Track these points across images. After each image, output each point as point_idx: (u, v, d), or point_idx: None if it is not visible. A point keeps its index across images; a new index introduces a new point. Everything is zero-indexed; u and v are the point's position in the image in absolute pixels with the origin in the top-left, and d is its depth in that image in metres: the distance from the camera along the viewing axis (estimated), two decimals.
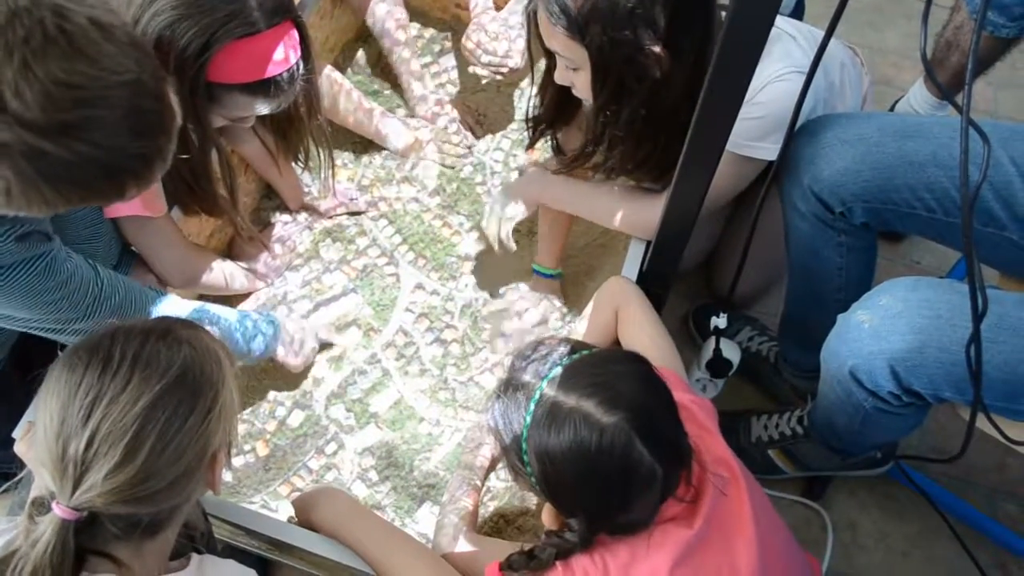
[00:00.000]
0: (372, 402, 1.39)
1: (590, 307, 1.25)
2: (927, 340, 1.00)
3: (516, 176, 1.61)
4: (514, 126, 1.71)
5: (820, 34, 0.90)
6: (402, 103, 1.73)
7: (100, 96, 0.73)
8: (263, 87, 1.11)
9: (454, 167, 1.64)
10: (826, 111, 1.27)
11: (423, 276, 1.53)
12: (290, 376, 1.40)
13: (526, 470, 0.87)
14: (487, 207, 1.41)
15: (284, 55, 1.10)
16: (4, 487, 0.90)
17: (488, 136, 1.70)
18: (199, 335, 0.81)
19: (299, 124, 1.31)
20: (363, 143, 1.66)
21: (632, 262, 1.25)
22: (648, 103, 1.12)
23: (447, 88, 1.76)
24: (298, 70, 1.14)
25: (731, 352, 1.33)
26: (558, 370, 0.87)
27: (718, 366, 1.33)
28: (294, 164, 1.44)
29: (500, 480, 1.28)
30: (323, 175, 1.43)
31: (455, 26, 1.82)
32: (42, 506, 0.73)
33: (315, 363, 1.41)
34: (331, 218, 1.58)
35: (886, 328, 1.03)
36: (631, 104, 1.13)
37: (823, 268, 1.26)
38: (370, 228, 1.58)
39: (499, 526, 1.25)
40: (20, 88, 0.69)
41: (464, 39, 1.53)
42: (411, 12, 1.71)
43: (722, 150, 0.97)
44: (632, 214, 1.28)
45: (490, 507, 1.26)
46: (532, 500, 1.25)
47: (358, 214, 1.59)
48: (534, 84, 1.32)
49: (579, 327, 1.27)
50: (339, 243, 1.56)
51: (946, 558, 1.39)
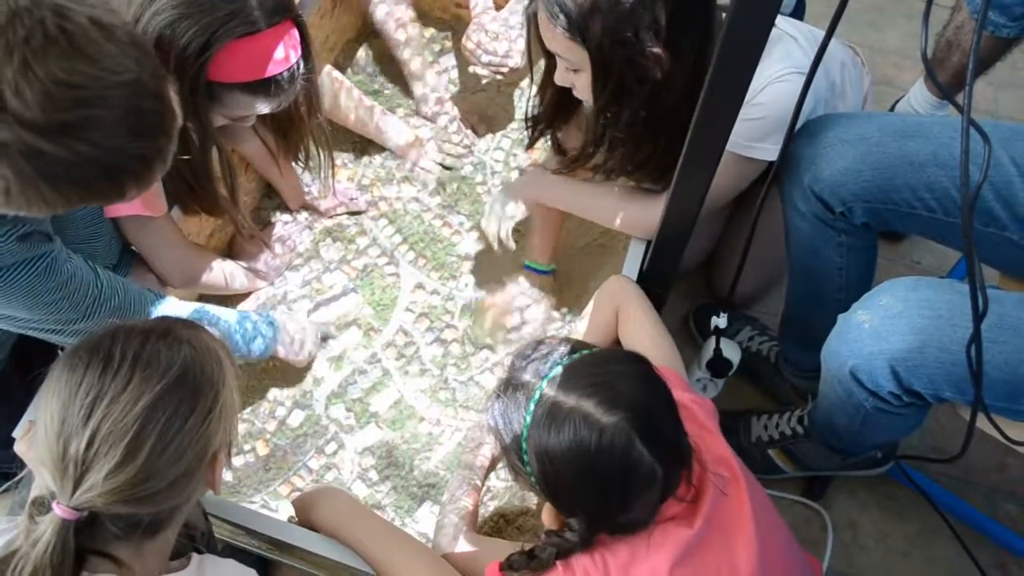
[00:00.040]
0: (372, 402, 1.39)
1: (590, 306, 1.25)
2: (927, 340, 1.00)
3: (516, 176, 1.61)
4: (514, 126, 1.71)
5: (821, 34, 0.90)
6: (402, 103, 1.73)
7: (100, 96, 0.73)
8: (263, 86, 1.11)
9: (452, 168, 1.64)
10: (827, 111, 1.27)
11: (423, 276, 1.53)
12: (290, 376, 1.40)
13: (526, 470, 0.87)
14: (487, 206, 1.41)
15: (284, 54, 1.10)
16: (4, 487, 0.90)
17: (488, 136, 1.70)
18: (199, 335, 0.81)
19: (299, 123, 1.31)
20: (363, 143, 1.66)
21: (632, 262, 1.25)
22: (649, 104, 1.12)
23: (448, 88, 1.76)
24: (298, 69, 1.14)
25: (731, 352, 1.32)
26: (558, 370, 0.87)
27: (718, 366, 1.33)
28: (294, 163, 1.44)
29: (500, 480, 1.28)
30: (323, 175, 1.43)
31: (455, 26, 1.82)
32: (42, 506, 0.73)
33: (315, 362, 1.41)
34: (331, 217, 1.58)
35: (886, 328, 1.03)
36: (632, 105, 1.13)
37: (823, 268, 1.26)
38: (370, 228, 1.58)
39: (499, 526, 1.25)
40: (20, 87, 0.69)
41: (464, 39, 1.53)
42: None
43: (722, 151, 0.97)
44: (632, 214, 1.28)
45: (490, 507, 1.26)
46: (532, 500, 1.25)
47: (358, 214, 1.59)
48: (534, 84, 1.32)
49: (579, 326, 1.27)
50: (339, 243, 1.56)
51: (946, 558, 1.39)
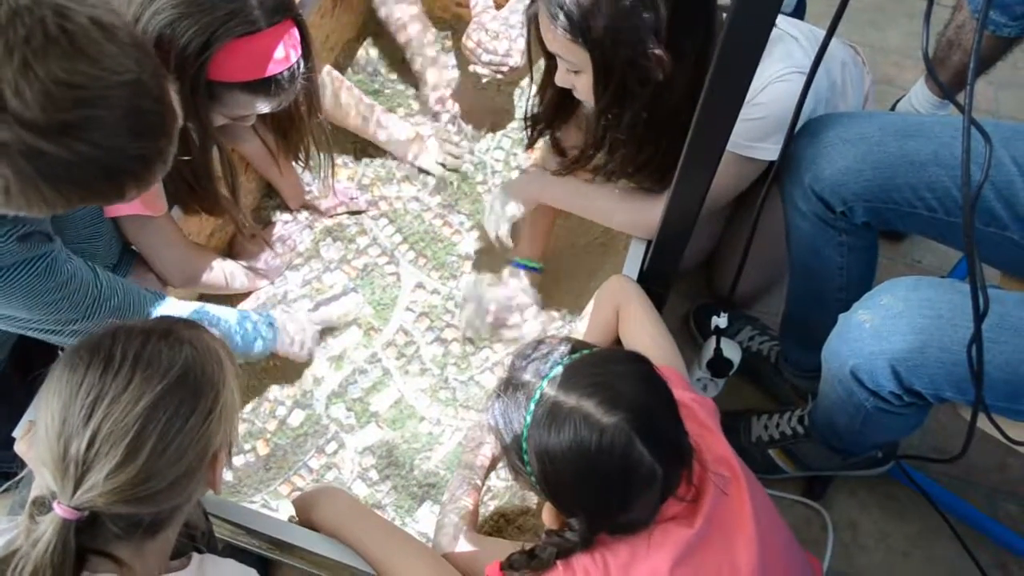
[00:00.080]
0: (372, 401, 1.39)
1: (591, 306, 1.25)
2: (928, 340, 1.00)
3: (517, 175, 1.61)
4: (514, 125, 1.71)
5: (821, 34, 0.90)
6: (403, 102, 1.73)
7: (100, 96, 0.72)
8: (264, 86, 1.11)
9: (456, 169, 1.64)
10: (827, 110, 1.27)
11: (423, 275, 1.52)
12: (291, 375, 1.40)
13: (526, 470, 0.87)
14: (488, 205, 1.41)
15: (285, 54, 1.10)
16: (5, 487, 0.89)
17: (489, 135, 1.70)
18: (200, 335, 0.81)
19: (299, 123, 1.31)
20: (363, 142, 1.66)
21: (633, 261, 1.25)
22: (650, 106, 1.12)
23: (449, 86, 1.76)
24: (299, 69, 1.14)
25: (732, 352, 1.32)
26: (558, 369, 0.87)
27: (719, 365, 1.32)
28: (294, 163, 1.44)
29: (500, 479, 1.28)
30: (323, 174, 1.42)
31: (456, 25, 1.82)
32: (43, 506, 0.73)
33: (316, 362, 1.41)
34: (331, 217, 1.58)
35: (887, 328, 1.03)
36: (633, 107, 1.12)
37: (824, 267, 1.26)
38: (370, 227, 1.58)
39: (499, 525, 1.25)
40: (20, 87, 0.68)
41: (464, 38, 1.53)
42: None
43: (723, 150, 0.97)
44: (632, 214, 1.27)
45: (490, 506, 1.26)
46: (532, 499, 1.25)
47: (358, 213, 1.59)
48: (534, 84, 1.32)
49: (580, 326, 1.27)
50: (339, 242, 1.56)
51: (947, 558, 1.39)
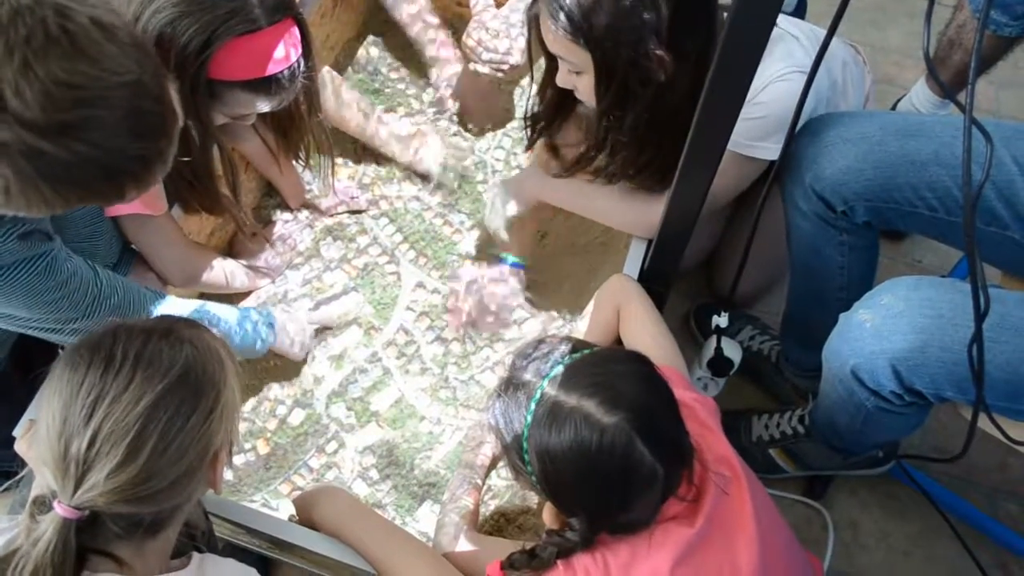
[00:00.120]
0: (373, 401, 1.39)
1: (591, 305, 1.25)
2: (929, 339, 1.00)
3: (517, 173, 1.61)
4: (514, 124, 1.71)
5: (822, 33, 0.90)
6: (403, 101, 1.73)
7: (100, 96, 0.72)
8: (264, 85, 1.11)
9: (462, 174, 1.63)
10: (828, 110, 1.27)
11: (424, 275, 1.52)
12: (291, 375, 1.40)
13: (527, 469, 0.86)
14: (488, 202, 1.41)
15: (285, 53, 1.10)
16: (5, 486, 0.89)
17: (489, 134, 1.70)
18: (201, 334, 0.81)
19: (300, 122, 1.31)
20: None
21: (633, 261, 1.25)
22: (651, 106, 1.12)
23: (447, 86, 1.76)
24: (299, 68, 1.14)
25: (732, 351, 1.32)
26: (559, 369, 0.86)
27: (719, 365, 1.32)
28: (295, 162, 1.44)
29: (501, 479, 1.28)
30: (323, 173, 1.42)
31: (456, 24, 1.82)
32: (43, 505, 0.73)
33: (316, 361, 1.41)
34: (332, 216, 1.58)
35: (888, 327, 1.03)
36: (635, 108, 1.12)
37: (825, 267, 1.26)
38: (371, 226, 1.58)
39: (500, 525, 1.25)
40: (20, 87, 0.68)
41: (465, 37, 1.53)
42: None
43: (723, 150, 0.96)
44: (633, 213, 1.27)
45: (491, 506, 1.26)
46: (533, 499, 1.25)
47: (359, 212, 1.59)
48: (534, 83, 1.32)
49: (580, 325, 1.27)
50: (340, 241, 1.56)
51: (947, 558, 1.39)
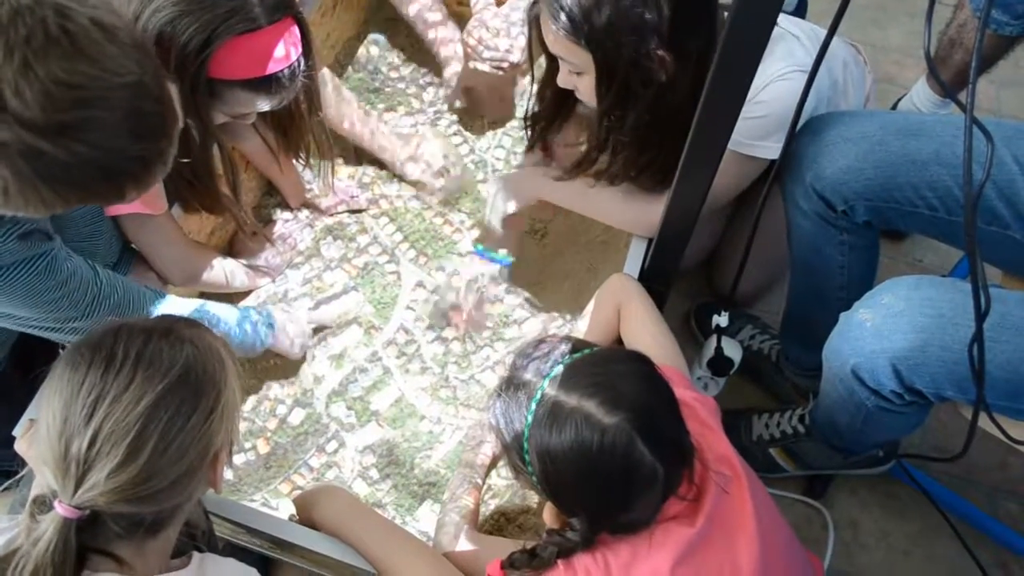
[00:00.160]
0: (373, 400, 1.39)
1: (592, 304, 1.24)
2: (929, 339, 1.00)
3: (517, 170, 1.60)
4: (515, 123, 1.71)
5: (823, 33, 0.89)
6: (403, 100, 1.73)
7: (100, 97, 0.72)
8: (264, 84, 1.10)
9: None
10: (828, 110, 1.27)
11: (424, 274, 1.52)
12: (291, 374, 1.40)
13: (527, 469, 0.86)
14: (489, 199, 1.40)
15: (285, 52, 1.10)
16: (5, 485, 0.89)
17: (490, 133, 1.70)
18: (202, 334, 0.81)
19: (300, 121, 1.31)
20: None
21: (634, 260, 1.25)
22: (653, 106, 1.11)
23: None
24: (299, 67, 1.14)
25: (733, 350, 1.32)
26: (559, 369, 0.86)
27: (720, 364, 1.32)
28: (295, 161, 1.44)
29: (501, 478, 1.28)
30: (324, 172, 1.42)
31: (457, 23, 1.82)
32: (44, 504, 0.73)
33: (316, 361, 1.41)
34: (332, 215, 1.58)
35: (888, 327, 1.03)
36: (636, 108, 1.12)
37: (825, 266, 1.26)
38: (371, 226, 1.57)
39: (500, 524, 1.25)
40: (20, 87, 0.68)
41: (465, 35, 1.53)
42: None
43: (724, 149, 0.96)
44: (633, 212, 1.27)
45: (491, 505, 1.26)
46: (533, 498, 1.25)
47: (359, 212, 1.58)
48: (535, 83, 1.31)
49: (580, 325, 1.26)
50: (340, 241, 1.56)
51: (947, 557, 1.39)
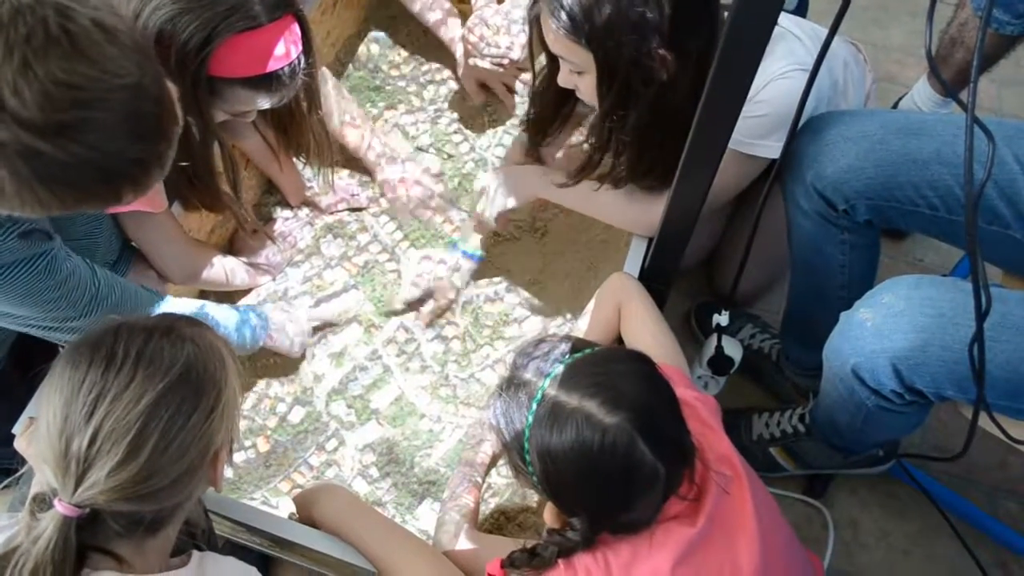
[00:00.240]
0: (373, 398, 1.39)
1: (592, 304, 1.24)
2: (930, 338, 1.00)
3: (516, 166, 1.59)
4: (515, 122, 1.70)
5: (824, 32, 0.89)
6: (403, 99, 1.72)
7: (99, 98, 0.71)
8: (264, 81, 1.10)
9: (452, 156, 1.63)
10: (828, 110, 1.27)
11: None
12: (291, 372, 1.40)
13: (528, 469, 0.86)
14: (489, 191, 1.39)
15: (285, 50, 1.10)
16: (5, 483, 0.90)
17: (490, 131, 1.69)
18: (203, 332, 0.81)
19: (300, 119, 1.31)
20: None
21: (634, 259, 1.25)
22: (654, 106, 1.11)
23: (449, 84, 1.75)
24: (299, 65, 1.13)
25: (733, 349, 1.32)
26: (560, 368, 0.86)
27: (720, 363, 1.32)
28: (295, 159, 1.44)
29: (501, 477, 1.28)
30: (324, 170, 1.42)
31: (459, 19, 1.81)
32: (43, 502, 0.73)
33: (316, 359, 1.41)
34: (332, 214, 1.57)
35: (889, 326, 1.03)
36: (638, 108, 1.12)
37: (826, 265, 1.26)
38: (371, 224, 1.57)
39: (500, 523, 1.25)
40: (19, 86, 0.68)
41: (466, 32, 1.53)
42: None
43: (724, 148, 0.96)
44: (634, 212, 1.27)
45: (491, 504, 1.26)
46: (533, 497, 1.25)
47: (359, 210, 1.58)
48: (535, 80, 1.31)
49: (581, 324, 1.26)
50: (340, 239, 1.55)
51: (947, 556, 1.40)
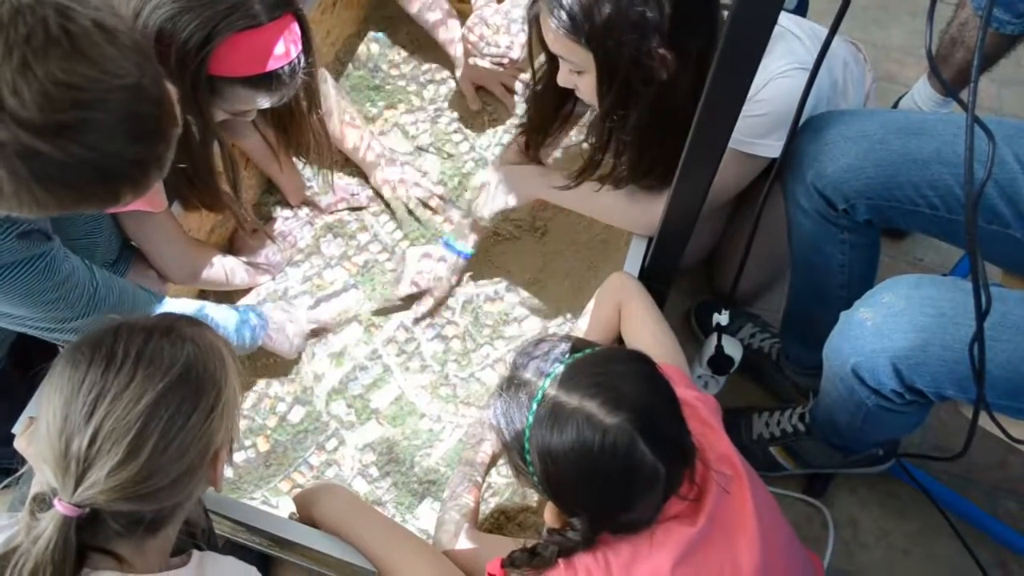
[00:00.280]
0: (373, 398, 1.39)
1: (592, 303, 1.24)
2: (930, 338, 1.00)
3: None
4: (515, 121, 1.70)
5: (824, 32, 0.89)
6: (404, 98, 1.72)
7: (98, 98, 0.71)
8: (264, 81, 1.10)
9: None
10: (828, 110, 1.27)
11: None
12: (291, 372, 1.40)
13: (528, 469, 0.86)
14: (488, 190, 1.39)
15: (285, 49, 1.10)
16: (5, 483, 0.89)
17: (490, 131, 1.69)
18: (203, 332, 0.81)
19: (300, 118, 1.31)
20: None
21: (634, 258, 1.25)
22: (655, 106, 1.11)
23: (448, 84, 1.75)
24: (299, 64, 1.13)
25: (733, 349, 1.32)
26: (560, 368, 0.86)
27: (720, 363, 1.32)
28: (295, 159, 1.44)
29: (501, 476, 1.28)
30: (324, 170, 1.42)
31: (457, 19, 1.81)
32: (43, 502, 0.73)
33: (316, 359, 1.41)
34: (332, 213, 1.57)
35: (889, 326, 1.03)
36: (638, 108, 1.12)
37: (826, 265, 1.25)
38: (371, 223, 1.57)
39: (500, 522, 1.25)
40: (18, 86, 0.68)
41: (466, 31, 1.53)
42: None
43: (724, 148, 0.96)
44: (634, 212, 1.27)
45: (491, 503, 1.26)
46: (533, 497, 1.25)
47: (359, 209, 1.58)
48: (535, 80, 1.31)
49: (581, 323, 1.26)
50: (340, 238, 1.55)
51: (947, 556, 1.40)
